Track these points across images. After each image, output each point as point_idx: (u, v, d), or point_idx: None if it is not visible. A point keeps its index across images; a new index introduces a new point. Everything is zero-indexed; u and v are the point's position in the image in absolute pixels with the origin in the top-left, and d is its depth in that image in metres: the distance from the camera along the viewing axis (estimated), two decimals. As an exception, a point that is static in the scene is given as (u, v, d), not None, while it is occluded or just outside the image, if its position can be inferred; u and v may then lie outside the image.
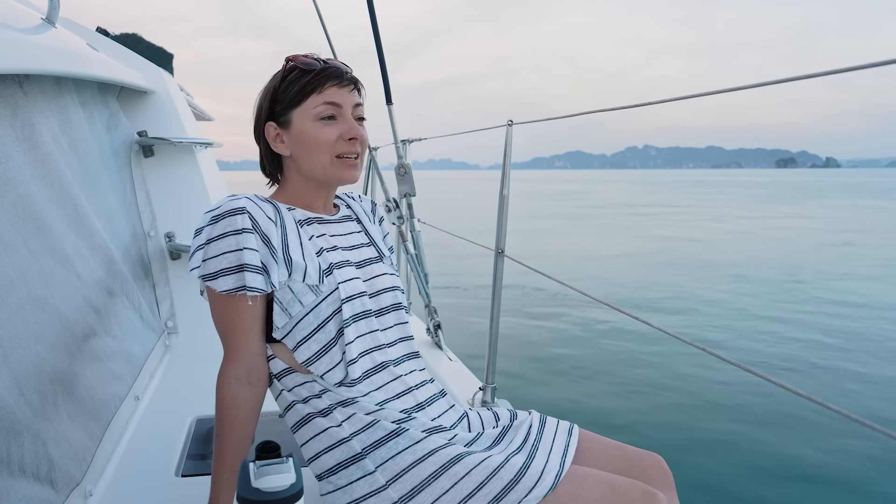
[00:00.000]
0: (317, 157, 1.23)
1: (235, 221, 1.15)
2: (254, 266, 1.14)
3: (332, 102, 1.22)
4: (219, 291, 1.15)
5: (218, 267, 1.15)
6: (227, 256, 1.14)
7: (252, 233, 1.15)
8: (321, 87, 1.22)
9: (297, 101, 1.23)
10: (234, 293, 1.15)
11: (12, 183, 1.29)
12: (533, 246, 15.51)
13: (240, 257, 1.14)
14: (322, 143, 1.22)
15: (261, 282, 1.15)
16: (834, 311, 8.59)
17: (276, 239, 1.17)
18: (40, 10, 1.81)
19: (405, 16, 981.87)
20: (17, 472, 1.08)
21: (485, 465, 1.10)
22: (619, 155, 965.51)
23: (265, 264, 1.16)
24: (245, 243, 1.14)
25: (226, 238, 1.14)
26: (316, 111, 1.22)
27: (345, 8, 8.15)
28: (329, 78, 1.23)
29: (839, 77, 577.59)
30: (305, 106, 1.22)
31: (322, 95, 1.22)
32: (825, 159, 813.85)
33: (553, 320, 7.98)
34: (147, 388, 2.05)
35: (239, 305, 1.16)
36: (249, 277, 1.14)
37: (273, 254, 1.16)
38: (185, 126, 2.68)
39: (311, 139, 1.22)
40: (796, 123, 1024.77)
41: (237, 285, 1.14)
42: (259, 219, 1.17)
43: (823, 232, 19.31)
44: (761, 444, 4.42)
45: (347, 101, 1.24)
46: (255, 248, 1.15)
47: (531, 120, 1.91)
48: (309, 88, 1.22)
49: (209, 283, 1.16)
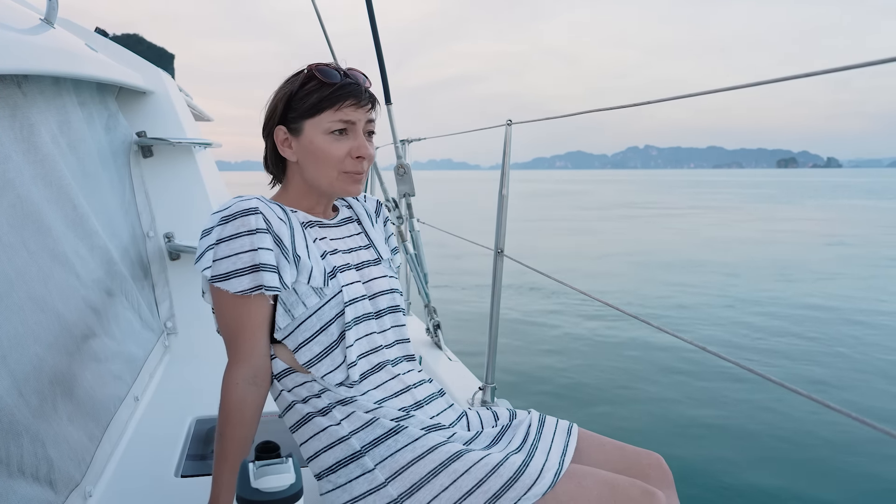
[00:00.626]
0: (324, 171, 1.23)
1: (249, 222, 1.14)
2: (270, 266, 1.14)
3: (347, 120, 1.21)
4: (233, 293, 1.14)
5: (232, 267, 1.14)
6: (242, 257, 1.14)
7: (266, 233, 1.15)
8: (339, 104, 1.20)
9: (312, 113, 1.21)
10: (249, 293, 1.14)
11: (11, 183, 1.28)
12: (530, 244, 15.69)
13: (254, 257, 1.13)
14: (331, 159, 1.22)
15: (277, 281, 1.15)
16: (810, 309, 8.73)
17: (287, 239, 1.17)
18: (39, 10, 1.81)
19: (406, 16, 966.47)
20: (17, 473, 1.07)
21: (484, 463, 1.11)
22: (619, 155, 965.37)
23: (278, 265, 1.16)
24: (260, 243, 1.14)
25: (239, 238, 1.14)
26: (329, 126, 1.21)
27: (344, 9, 8.15)
28: (348, 96, 1.21)
29: (840, 76, 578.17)
30: (319, 119, 1.21)
31: (338, 113, 1.20)
32: (826, 159, 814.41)
33: (552, 320, 7.98)
34: (146, 389, 2.04)
35: (252, 306, 1.16)
36: (268, 277, 1.14)
37: (285, 254, 1.16)
38: (184, 126, 2.68)
39: (319, 152, 1.21)
40: (797, 123, 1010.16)
41: (253, 285, 1.14)
42: (272, 219, 1.16)
43: (809, 233, 19.66)
44: (761, 444, 4.42)
45: (362, 118, 1.23)
46: (270, 248, 1.15)
47: (530, 120, 1.91)
48: (326, 104, 1.20)
49: (220, 283, 1.14)
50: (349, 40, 5.39)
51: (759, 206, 34.87)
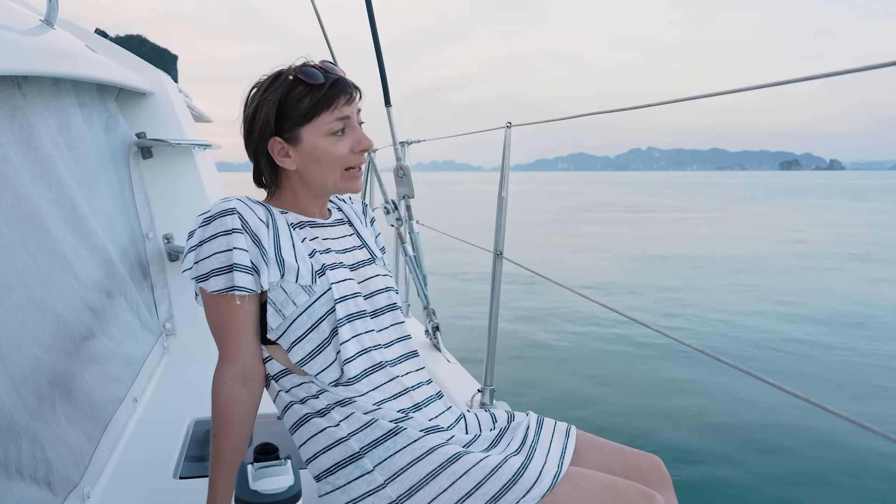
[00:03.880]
0: (329, 172, 1.23)
1: (226, 222, 1.15)
2: (243, 266, 1.15)
3: (344, 117, 1.22)
4: (210, 292, 1.16)
5: (209, 268, 1.15)
6: (218, 257, 1.15)
7: (242, 233, 1.15)
8: (334, 104, 1.20)
9: (308, 118, 1.20)
10: (224, 293, 1.15)
11: (11, 184, 1.28)
12: (527, 243, 16.24)
13: (230, 257, 1.14)
14: (336, 159, 1.22)
15: (250, 282, 1.15)
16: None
17: (266, 240, 1.17)
18: (39, 11, 1.80)
19: (408, 16, 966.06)
20: (15, 475, 1.07)
21: (483, 465, 1.10)
22: (622, 157, 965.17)
23: (255, 265, 1.16)
24: (235, 243, 1.15)
25: (216, 239, 1.15)
26: (328, 127, 1.21)
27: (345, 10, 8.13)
28: (340, 94, 1.21)
29: (844, 79, 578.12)
30: (317, 123, 1.20)
31: (335, 112, 1.20)
32: (829, 161, 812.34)
33: (551, 322, 7.98)
34: (145, 390, 2.04)
35: (231, 306, 1.16)
36: (238, 277, 1.14)
37: (263, 255, 1.16)
38: (184, 128, 2.68)
39: (324, 155, 1.21)
40: (800, 125, 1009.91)
41: (227, 285, 1.14)
42: (249, 219, 1.17)
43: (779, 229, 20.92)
44: (761, 445, 4.41)
45: (354, 111, 1.25)
46: (245, 249, 1.15)
47: (530, 122, 1.91)
48: (322, 106, 1.19)
49: (201, 283, 1.16)
50: (349, 41, 5.38)
51: (730, 205, 36.24)
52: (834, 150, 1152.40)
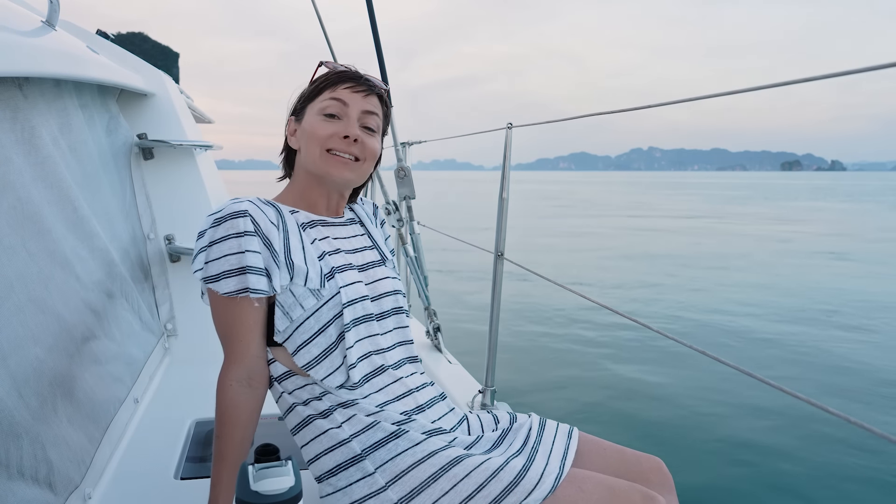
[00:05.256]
0: (311, 150, 1.24)
1: (238, 224, 1.15)
2: (257, 268, 1.14)
3: (339, 99, 1.24)
4: (221, 294, 1.15)
5: (220, 269, 1.15)
6: (230, 259, 1.14)
7: (254, 235, 1.15)
8: (336, 86, 1.25)
9: (312, 96, 1.27)
10: (236, 295, 1.15)
11: (12, 185, 1.28)
12: (528, 243, 16.41)
13: (242, 260, 1.14)
14: (317, 137, 1.23)
15: (264, 284, 1.15)
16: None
17: (277, 242, 1.17)
18: (40, 12, 1.81)
19: (409, 16, 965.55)
20: (16, 475, 1.07)
21: (484, 467, 1.10)
22: (623, 157, 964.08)
23: (267, 267, 1.16)
24: (247, 246, 1.14)
25: (228, 240, 1.14)
26: (322, 105, 1.25)
27: (346, 9, 8.17)
28: (346, 80, 1.26)
29: (846, 79, 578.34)
30: (317, 101, 1.26)
31: (334, 93, 1.25)
32: (831, 162, 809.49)
33: (552, 323, 7.97)
34: (146, 391, 2.04)
35: (241, 308, 1.16)
36: (253, 279, 1.14)
37: (275, 257, 1.16)
38: (185, 128, 2.68)
39: (310, 131, 1.24)
40: (802, 126, 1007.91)
41: (239, 287, 1.14)
42: (261, 222, 1.17)
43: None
44: (761, 446, 4.41)
45: (357, 104, 1.25)
46: (258, 251, 1.15)
47: (531, 123, 1.91)
48: (325, 85, 1.26)
49: (211, 285, 1.15)
50: (349, 40, 5.39)
51: (713, 206, 36.44)
52: (836, 151, 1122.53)
